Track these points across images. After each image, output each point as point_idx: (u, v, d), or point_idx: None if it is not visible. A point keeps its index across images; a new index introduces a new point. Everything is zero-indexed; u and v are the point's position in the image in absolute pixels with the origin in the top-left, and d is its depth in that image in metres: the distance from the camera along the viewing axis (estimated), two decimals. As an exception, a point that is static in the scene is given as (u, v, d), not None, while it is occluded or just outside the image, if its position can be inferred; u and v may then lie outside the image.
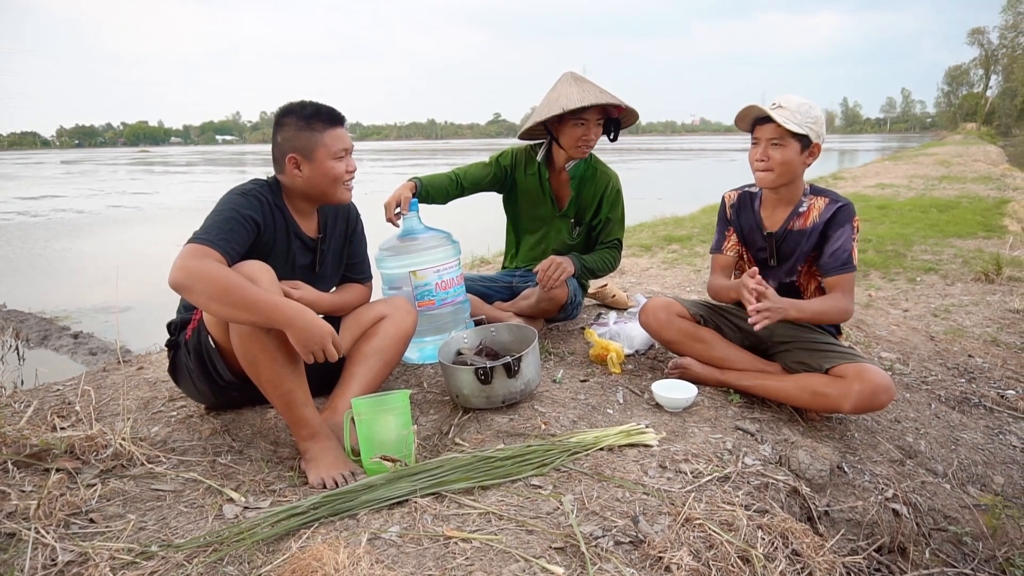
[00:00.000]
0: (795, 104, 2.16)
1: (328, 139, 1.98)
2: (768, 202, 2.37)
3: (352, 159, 2.08)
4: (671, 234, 6.59)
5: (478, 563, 1.37)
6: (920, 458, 2.34)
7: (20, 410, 2.12)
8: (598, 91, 2.64)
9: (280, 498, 1.70)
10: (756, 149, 2.23)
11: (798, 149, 2.18)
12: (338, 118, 2.03)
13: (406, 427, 1.83)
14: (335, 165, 2.00)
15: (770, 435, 2.12)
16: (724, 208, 2.50)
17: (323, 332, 1.74)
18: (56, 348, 5.32)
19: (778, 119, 2.13)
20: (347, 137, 2.05)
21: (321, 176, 2.00)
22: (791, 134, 2.15)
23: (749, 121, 2.26)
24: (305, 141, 1.97)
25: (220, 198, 1.93)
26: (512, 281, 3.00)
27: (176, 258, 1.73)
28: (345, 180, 2.06)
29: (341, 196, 2.08)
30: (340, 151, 2.01)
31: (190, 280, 1.69)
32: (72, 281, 8.03)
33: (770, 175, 2.22)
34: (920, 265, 5.12)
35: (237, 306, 1.69)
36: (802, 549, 1.53)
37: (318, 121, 1.98)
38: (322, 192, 2.04)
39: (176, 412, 2.18)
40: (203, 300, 1.71)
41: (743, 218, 2.43)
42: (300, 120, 1.97)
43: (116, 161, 52.84)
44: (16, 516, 1.53)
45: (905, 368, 3.01)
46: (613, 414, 2.15)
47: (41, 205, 16.75)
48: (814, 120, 2.17)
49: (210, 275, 1.69)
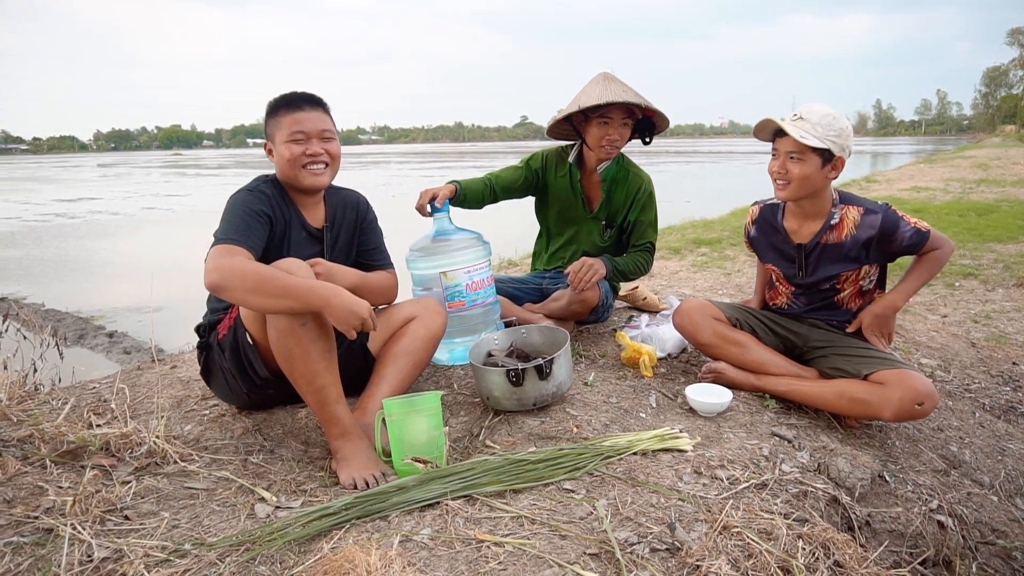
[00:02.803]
0: (818, 116, 2.09)
1: (286, 121, 1.99)
2: (793, 214, 2.31)
3: (325, 144, 2.02)
4: (700, 237, 6.51)
5: (511, 568, 1.35)
6: (965, 468, 2.26)
7: (58, 407, 2.15)
8: (621, 90, 2.61)
9: (311, 498, 1.69)
10: (775, 161, 2.18)
11: (819, 163, 2.11)
12: (301, 103, 2.01)
13: (437, 428, 1.82)
14: (290, 147, 1.98)
15: (808, 442, 2.06)
16: (745, 225, 2.50)
17: (360, 306, 1.74)
18: (92, 347, 5.43)
19: (794, 134, 2.06)
20: (311, 120, 2.00)
21: (280, 159, 2.01)
22: (811, 148, 2.08)
23: (769, 132, 2.21)
24: (271, 127, 2.03)
25: (228, 199, 1.96)
26: (542, 283, 2.98)
27: (207, 261, 1.76)
28: (304, 163, 1.99)
29: (305, 180, 2.01)
30: (296, 133, 1.97)
31: (225, 279, 1.72)
32: (107, 281, 8.20)
33: (788, 189, 2.17)
34: (958, 270, 4.99)
35: (275, 295, 1.71)
36: (844, 560, 1.48)
37: (282, 107, 2.01)
38: (285, 177, 2.03)
39: (209, 411, 2.19)
40: (240, 295, 1.73)
41: (764, 231, 2.39)
42: (272, 108, 2.03)
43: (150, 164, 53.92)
44: (53, 512, 1.55)
45: (947, 375, 2.92)
46: (646, 418, 2.11)
47: (78, 207, 17.14)
48: (837, 133, 2.09)
49: (244, 270, 1.72)
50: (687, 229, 7.34)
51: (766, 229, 2.39)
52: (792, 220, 2.32)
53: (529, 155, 2.92)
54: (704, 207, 9.80)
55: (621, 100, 2.56)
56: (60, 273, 8.57)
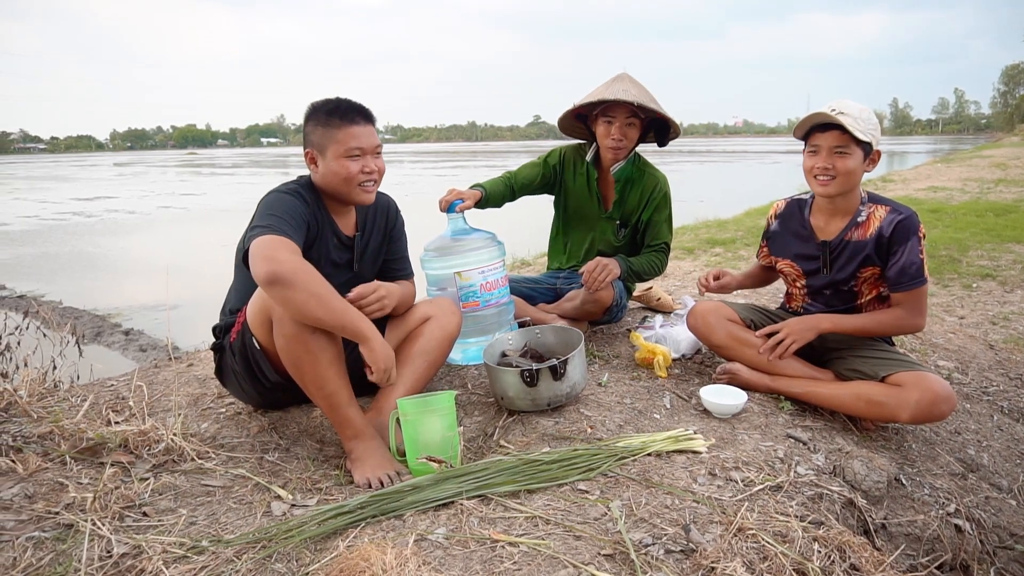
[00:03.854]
0: (856, 110, 2.08)
1: (342, 136, 1.94)
2: (821, 211, 2.29)
3: (376, 160, 2.00)
4: (714, 237, 6.48)
5: (526, 567, 1.36)
6: (983, 472, 2.24)
7: (77, 404, 2.17)
8: (622, 89, 2.60)
9: (327, 496, 1.71)
10: (816, 157, 2.14)
11: (861, 157, 2.10)
12: (356, 115, 1.96)
13: (451, 428, 1.82)
14: (347, 164, 1.94)
15: (823, 444, 2.05)
16: (767, 219, 2.49)
17: (391, 355, 1.83)
18: (108, 344, 5.48)
19: (848, 126, 2.04)
20: (366, 136, 1.97)
21: (332, 174, 1.96)
22: (856, 141, 2.06)
23: (805, 128, 2.19)
24: (320, 137, 1.96)
25: (265, 198, 1.93)
26: (556, 283, 2.98)
27: (261, 248, 1.69)
28: (361, 181, 1.97)
29: (356, 197, 2.00)
30: (353, 149, 1.94)
31: (295, 274, 1.66)
32: (123, 279, 8.28)
33: (834, 184, 2.13)
34: (976, 271, 4.93)
35: (331, 311, 1.72)
36: (861, 564, 1.47)
37: (335, 117, 1.95)
38: (335, 190, 2.00)
39: (225, 409, 2.21)
40: (304, 296, 1.67)
41: (788, 226, 2.37)
42: (321, 115, 1.96)
43: (165, 163, 54.38)
44: (74, 508, 1.57)
45: (964, 377, 2.89)
46: (660, 419, 2.11)
47: (95, 206, 17.32)
48: (874, 127, 2.10)
49: (314, 274, 1.70)
50: (701, 229, 7.31)
51: (790, 224, 2.37)
52: (819, 217, 2.30)
53: (548, 152, 2.92)
54: (718, 207, 9.75)
55: (615, 98, 2.55)
56: (77, 271, 8.66)
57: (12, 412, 2.07)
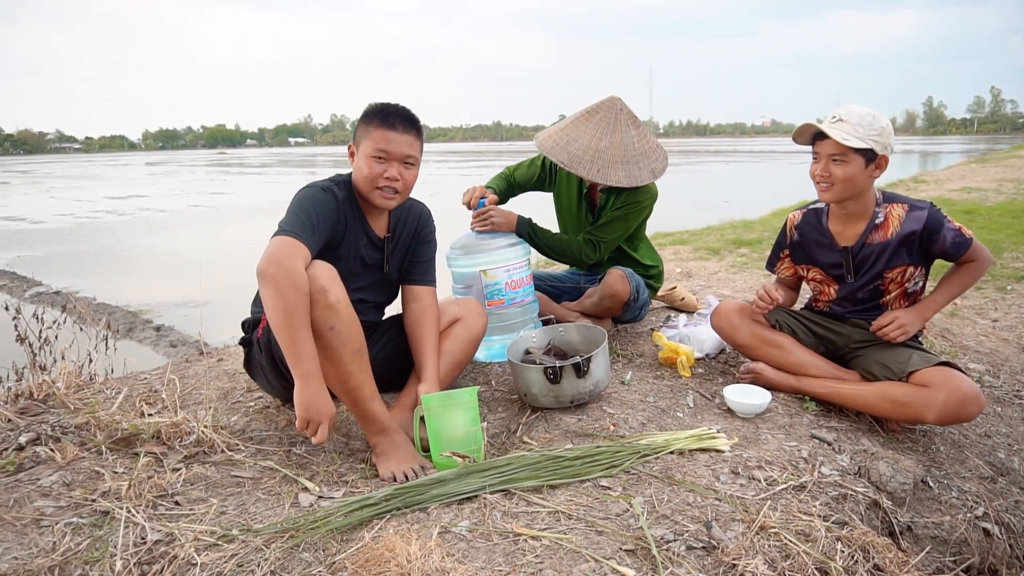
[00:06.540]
0: (857, 116, 2.07)
1: (375, 135, 1.96)
2: (837, 216, 2.28)
3: (402, 168, 1.98)
4: (740, 238, 6.42)
5: (548, 561, 1.37)
6: (1013, 476, 2.20)
7: (112, 396, 2.24)
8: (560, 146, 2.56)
9: (352, 489, 1.74)
10: (816, 164, 2.17)
11: (862, 164, 2.09)
12: (396, 120, 1.97)
13: (475, 424, 1.84)
14: (371, 163, 1.95)
15: (848, 445, 2.04)
16: (785, 230, 2.45)
17: (324, 411, 1.71)
18: (140, 340, 5.61)
19: (836, 136, 2.05)
20: (399, 142, 1.96)
21: (357, 171, 2.00)
22: (854, 149, 2.06)
23: (808, 136, 2.19)
24: (360, 133, 2.01)
25: (299, 192, 1.96)
26: (579, 281, 2.99)
27: (269, 246, 1.74)
28: (380, 185, 1.97)
29: (374, 199, 1.99)
30: (380, 151, 1.94)
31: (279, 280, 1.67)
32: (154, 276, 8.44)
33: (832, 191, 2.15)
34: (1011, 273, 4.84)
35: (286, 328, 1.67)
36: (884, 565, 1.46)
37: (377, 118, 1.98)
38: (359, 188, 2.02)
39: (254, 403, 2.26)
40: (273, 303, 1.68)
41: (808, 235, 2.35)
42: (369, 114, 2.00)
43: (195, 163, 55.26)
44: (109, 495, 1.62)
45: (996, 380, 2.84)
46: (683, 418, 2.11)
47: (128, 204, 17.68)
48: (879, 132, 2.07)
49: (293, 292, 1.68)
50: (726, 230, 7.25)
51: (811, 234, 2.35)
52: (836, 223, 2.29)
53: None
54: (744, 207, 9.66)
55: (560, 163, 2.53)
56: (110, 268, 8.86)
57: (50, 403, 2.14)
